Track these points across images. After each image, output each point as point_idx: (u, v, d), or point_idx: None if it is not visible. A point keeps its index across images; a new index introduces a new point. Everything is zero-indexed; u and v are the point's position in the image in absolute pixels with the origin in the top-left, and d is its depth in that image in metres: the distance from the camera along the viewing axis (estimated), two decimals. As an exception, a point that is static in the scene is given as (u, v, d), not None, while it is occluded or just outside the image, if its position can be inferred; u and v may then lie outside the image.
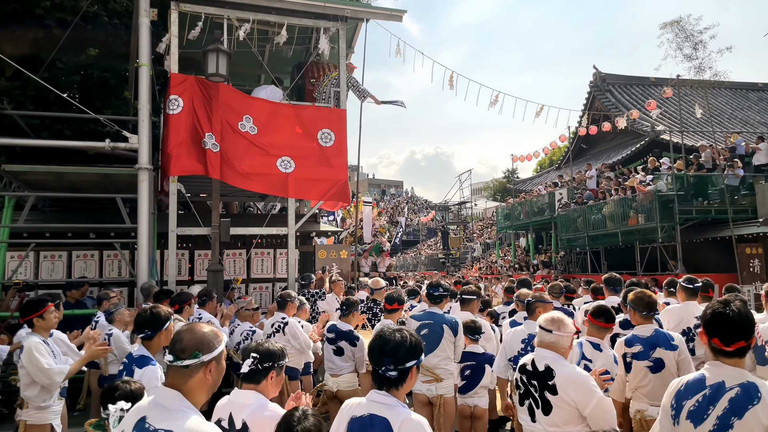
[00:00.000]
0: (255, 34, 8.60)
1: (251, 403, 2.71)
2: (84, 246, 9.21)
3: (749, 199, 14.49)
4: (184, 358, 2.12)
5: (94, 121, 9.61)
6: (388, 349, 2.39)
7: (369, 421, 2.32)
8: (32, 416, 4.30)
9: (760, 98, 27.71)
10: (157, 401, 2.11)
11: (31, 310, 4.39)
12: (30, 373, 4.20)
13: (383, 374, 2.37)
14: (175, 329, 5.67)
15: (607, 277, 6.60)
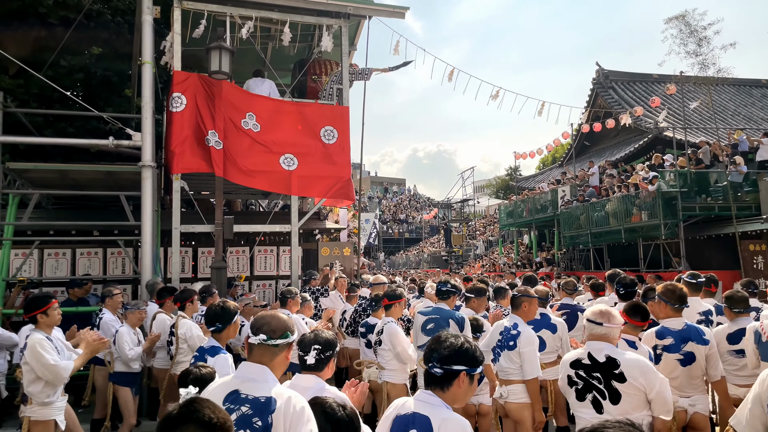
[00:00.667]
0: (258, 31, 8.60)
1: (313, 386, 2.88)
2: (88, 243, 9.25)
3: (753, 196, 14.45)
4: (275, 338, 2.46)
5: (98, 119, 9.66)
6: (436, 347, 2.41)
7: (411, 418, 2.35)
8: (36, 412, 4.31)
9: (763, 95, 27.62)
10: (246, 375, 2.41)
11: (34, 307, 4.42)
12: (34, 369, 4.22)
13: (429, 371, 2.39)
14: (180, 326, 5.74)
15: (610, 273, 6.60)
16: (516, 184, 31.72)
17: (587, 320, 3.38)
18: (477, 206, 44.34)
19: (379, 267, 38.13)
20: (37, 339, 4.25)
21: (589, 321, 3.36)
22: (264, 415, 2.29)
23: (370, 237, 34.55)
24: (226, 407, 2.30)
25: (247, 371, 2.43)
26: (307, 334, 3.03)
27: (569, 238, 19.08)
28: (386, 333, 5.29)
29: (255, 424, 2.28)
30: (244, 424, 2.28)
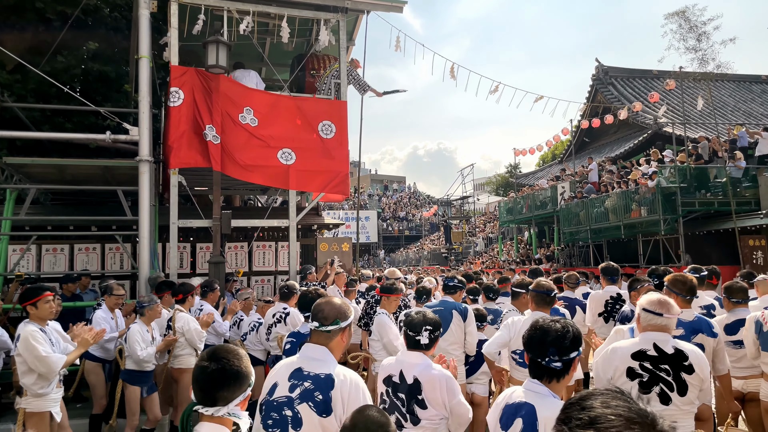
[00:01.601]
0: (255, 26, 8.57)
1: (420, 363, 3.21)
2: (86, 239, 9.23)
3: (752, 191, 14.44)
4: (327, 324, 2.65)
5: (95, 114, 9.63)
6: (550, 339, 2.35)
7: (519, 407, 2.37)
8: (31, 404, 4.30)
9: (763, 90, 27.57)
10: (308, 355, 2.65)
11: (25, 298, 4.40)
12: (27, 361, 4.20)
13: (547, 365, 2.34)
14: (177, 320, 5.72)
15: (604, 266, 6.58)
16: (516, 181, 31.69)
17: (643, 310, 3.20)
18: (477, 203, 44.35)
19: (379, 264, 38.11)
20: (29, 330, 4.23)
21: (646, 311, 3.20)
22: (325, 390, 2.51)
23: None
24: (290, 383, 2.57)
25: (309, 352, 2.66)
26: (416, 317, 3.31)
27: (569, 235, 19.06)
28: (376, 324, 5.42)
29: (316, 397, 2.51)
30: (306, 397, 2.52)
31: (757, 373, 4.40)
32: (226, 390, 2.02)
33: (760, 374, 4.37)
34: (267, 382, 2.68)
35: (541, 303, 4.38)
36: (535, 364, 2.39)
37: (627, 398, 1.07)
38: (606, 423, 1.01)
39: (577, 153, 25.39)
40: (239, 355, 2.11)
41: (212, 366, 2.02)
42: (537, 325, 2.45)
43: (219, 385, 2.01)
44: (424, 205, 54.07)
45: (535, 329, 2.44)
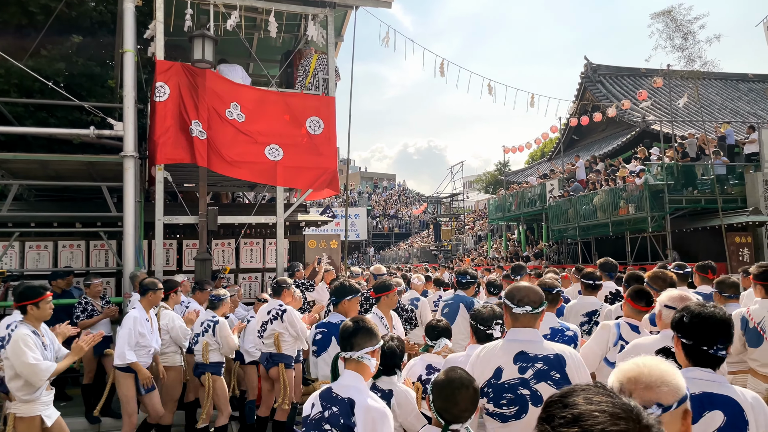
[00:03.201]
0: (242, 21, 8.49)
1: None
2: (70, 235, 9.11)
3: (739, 189, 14.56)
4: (536, 307, 2.86)
5: (79, 109, 9.50)
6: (719, 329, 2.28)
7: (704, 399, 2.21)
8: (20, 408, 4.14)
9: (750, 89, 27.82)
10: (523, 339, 2.82)
11: (26, 297, 4.20)
12: (14, 365, 4.04)
13: (715, 354, 2.26)
14: (162, 317, 5.64)
15: (602, 261, 6.56)
16: (505, 178, 31.75)
17: (665, 306, 3.17)
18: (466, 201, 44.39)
19: (369, 262, 38.07)
20: (21, 334, 4.05)
21: (668, 307, 3.16)
22: (560, 368, 2.71)
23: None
24: (519, 366, 2.73)
25: (521, 335, 2.81)
26: (485, 310, 3.35)
27: (557, 232, 19.12)
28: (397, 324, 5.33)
29: (553, 376, 2.70)
30: (542, 377, 2.71)
31: (746, 368, 4.41)
32: (360, 338, 2.72)
33: (748, 369, 4.39)
34: (477, 368, 2.83)
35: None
36: (702, 353, 2.28)
37: (610, 393, 1.03)
38: (591, 420, 0.97)
39: (566, 151, 25.48)
40: (370, 319, 2.91)
41: (351, 324, 2.80)
42: (710, 315, 2.33)
43: (354, 335, 2.73)
44: (413, 202, 54.09)
45: (709, 317, 2.32)
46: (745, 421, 2.14)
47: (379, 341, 2.79)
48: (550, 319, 4.21)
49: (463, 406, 2.44)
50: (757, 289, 4.39)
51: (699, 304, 2.39)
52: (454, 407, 2.44)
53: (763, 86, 26.84)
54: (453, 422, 2.43)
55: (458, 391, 2.45)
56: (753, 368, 4.34)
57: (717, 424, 2.16)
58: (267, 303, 6.07)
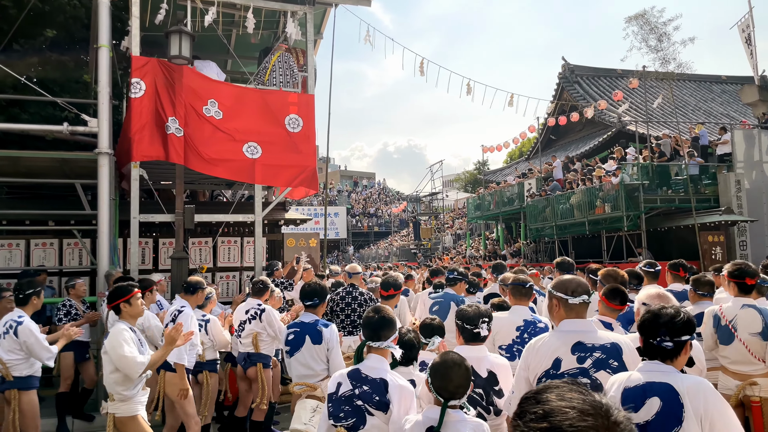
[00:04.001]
0: (220, 17, 8.40)
1: (484, 355, 3.30)
2: (43, 234, 8.93)
3: (712, 189, 14.85)
4: (590, 295, 2.99)
5: (52, 105, 9.32)
6: (662, 322, 2.40)
7: (647, 387, 2.35)
8: (119, 408, 4.08)
9: (723, 90, 28.37)
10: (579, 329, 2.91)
11: (117, 296, 4.20)
12: (112, 359, 4.00)
13: (659, 345, 2.39)
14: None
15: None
16: (484, 177, 31.95)
17: (643, 304, 3.24)
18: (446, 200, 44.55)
19: (348, 261, 38.00)
20: (119, 329, 4.05)
21: (645, 305, 3.20)
22: (617, 356, 2.81)
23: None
24: (577, 356, 2.82)
25: (577, 326, 2.91)
26: (470, 309, 3.37)
27: (535, 231, 19.30)
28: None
29: (612, 364, 2.79)
30: (601, 366, 2.80)
31: (717, 365, 4.49)
32: (386, 330, 3.11)
33: (720, 366, 4.47)
34: (532, 359, 2.93)
35: (518, 295, 4.49)
36: (650, 346, 2.42)
37: (582, 390, 1.05)
38: (560, 416, 0.99)
39: (544, 150, 25.73)
40: (391, 311, 3.25)
41: (377, 316, 3.16)
42: (649, 311, 2.48)
43: (381, 327, 3.10)
44: (393, 201, 54.14)
45: (647, 314, 2.48)
46: (680, 404, 2.26)
47: (397, 330, 3.19)
48: (524, 312, 4.36)
49: (457, 382, 2.62)
50: (731, 287, 4.47)
51: (661, 305, 2.49)
52: (449, 384, 2.61)
53: (735, 88, 27.38)
54: (450, 399, 2.62)
55: (451, 369, 2.64)
56: (724, 365, 4.43)
57: (655, 410, 2.30)
58: (245, 302, 6.03)
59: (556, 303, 2.99)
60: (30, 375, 4.86)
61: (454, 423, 2.62)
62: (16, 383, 4.80)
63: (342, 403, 2.97)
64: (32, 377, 4.90)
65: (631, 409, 2.30)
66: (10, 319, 4.79)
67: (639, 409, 2.33)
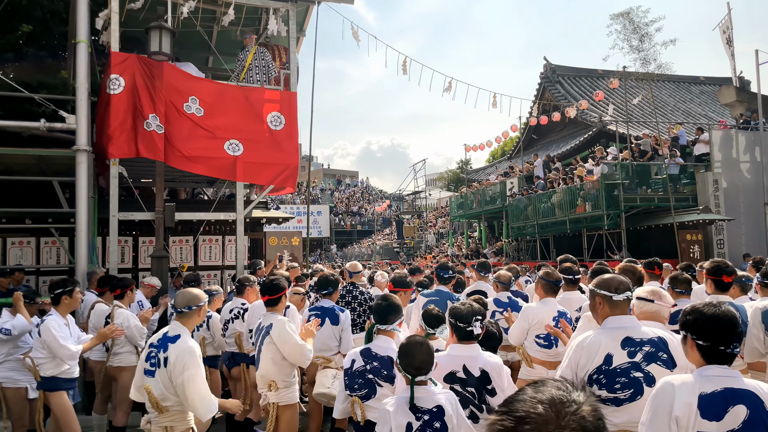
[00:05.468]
0: (200, 13, 8.32)
1: (477, 354, 3.33)
2: (19, 232, 8.78)
3: (690, 188, 15.07)
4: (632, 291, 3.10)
5: (29, 101, 9.14)
6: (738, 330, 2.32)
7: (727, 395, 2.23)
8: (283, 396, 4.21)
9: (701, 91, 28.79)
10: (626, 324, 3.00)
11: (272, 292, 4.39)
12: (282, 349, 4.15)
13: (732, 351, 2.30)
14: (116, 316, 5.48)
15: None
16: (466, 176, 32.08)
17: (637, 298, 3.31)
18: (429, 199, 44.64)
19: (332, 259, 37.90)
20: (280, 320, 4.21)
21: (640, 299, 3.33)
22: (665, 349, 2.90)
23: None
24: (627, 351, 2.90)
25: (623, 322, 2.99)
26: (463, 308, 3.38)
27: (517, 229, 19.43)
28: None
29: (661, 357, 2.89)
30: (652, 359, 2.89)
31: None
32: (393, 315, 3.65)
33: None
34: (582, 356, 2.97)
35: (548, 290, 4.87)
36: (718, 352, 2.31)
37: (562, 387, 1.06)
38: (519, 403, 1.02)
39: (526, 150, 25.89)
40: (397, 298, 3.80)
41: (385, 303, 3.70)
42: (722, 314, 2.36)
43: (389, 313, 3.64)
44: (376, 200, 54.10)
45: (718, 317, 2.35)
46: (766, 411, 2.19)
47: (402, 314, 3.76)
48: (555, 304, 4.85)
49: (420, 358, 2.87)
50: (709, 284, 4.54)
51: (709, 304, 2.42)
52: (414, 360, 2.87)
53: (713, 89, 27.80)
54: (417, 375, 2.87)
55: (415, 348, 2.91)
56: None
57: (741, 418, 2.19)
58: (231, 301, 6.00)
59: (600, 301, 3.06)
60: (54, 376, 4.76)
61: (427, 396, 2.88)
62: (44, 383, 4.76)
63: (356, 376, 3.49)
64: (58, 378, 4.78)
65: (707, 417, 2.21)
66: (41, 318, 4.84)
67: (722, 417, 2.20)
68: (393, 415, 2.90)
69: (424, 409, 2.86)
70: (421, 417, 2.86)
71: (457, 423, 2.89)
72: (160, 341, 3.63)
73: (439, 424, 2.84)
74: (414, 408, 2.85)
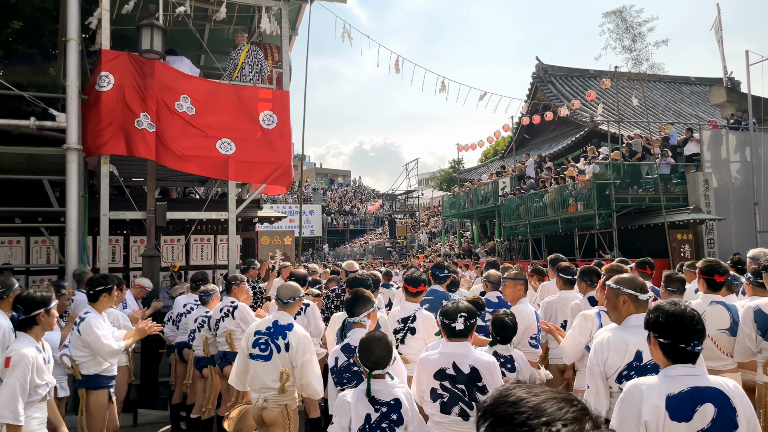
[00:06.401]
0: (192, 11, 8.27)
1: (469, 352, 3.36)
2: (9, 231, 8.70)
3: (680, 188, 15.15)
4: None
5: (19, 99, 9.05)
6: (698, 327, 2.32)
7: (693, 394, 2.23)
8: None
9: (692, 91, 28.97)
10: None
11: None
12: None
13: (692, 350, 2.32)
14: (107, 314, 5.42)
15: (552, 257, 6.70)
16: (459, 175, 32.12)
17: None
18: (421, 198, 44.67)
19: (324, 259, 37.85)
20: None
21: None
22: None
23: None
24: None
25: None
26: (450, 306, 3.44)
27: (509, 229, 19.47)
28: (421, 320, 4.91)
29: None
30: None
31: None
32: (359, 307, 3.80)
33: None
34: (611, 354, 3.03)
35: (567, 283, 5.26)
36: (680, 350, 2.33)
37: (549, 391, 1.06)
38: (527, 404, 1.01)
39: (518, 149, 25.96)
40: (365, 292, 3.92)
41: (350, 296, 3.86)
42: (686, 314, 2.37)
43: (354, 305, 3.79)
44: (369, 199, 54.07)
45: (686, 317, 2.37)
46: (734, 408, 2.21)
47: (373, 305, 3.83)
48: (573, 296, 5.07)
49: (378, 353, 3.05)
50: (701, 284, 4.57)
51: (671, 302, 2.44)
52: (372, 355, 3.04)
53: (704, 89, 27.97)
54: (374, 368, 3.05)
55: (373, 343, 3.09)
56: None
57: (710, 417, 2.20)
58: (221, 300, 5.97)
59: (625, 299, 3.13)
60: (97, 374, 4.73)
61: (386, 389, 3.07)
62: (85, 382, 4.71)
63: (342, 372, 3.62)
64: (100, 376, 4.75)
65: (675, 417, 2.21)
66: (78, 316, 4.76)
67: (691, 418, 2.21)
68: (353, 407, 3.06)
69: (382, 401, 3.04)
70: (379, 409, 3.03)
71: (411, 416, 3.07)
72: (271, 329, 4.16)
73: (396, 416, 3.03)
74: (373, 400, 3.03)
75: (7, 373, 3.46)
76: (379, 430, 3.02)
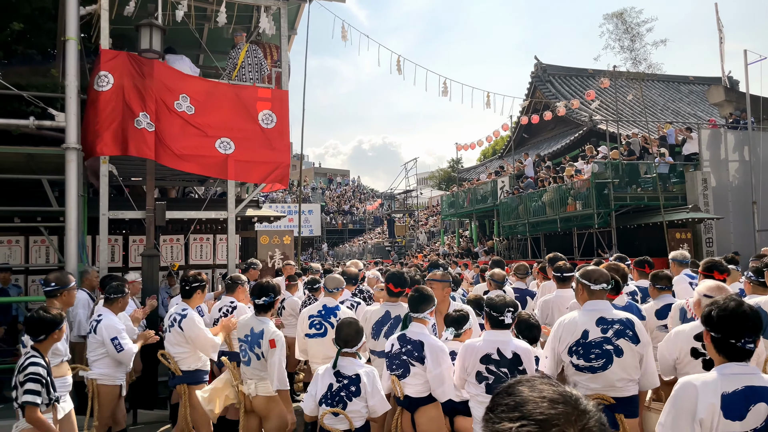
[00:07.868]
0: (192, 11, 8.27)
1: (509, 339, 3.66)
2: (8, 231, 8.70)
3: (679, 187, 15.18)
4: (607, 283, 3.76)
5: (18, 99, 9.06)
6: (749, 324, 2.29)
7: (747, 393, 2.21)
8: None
9: (690, 91, 29.00)
10: (598, 308, 3.62)
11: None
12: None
13: (743, 346, 2.28)
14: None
15: (550, 256, 6.69)
16: (458, 175, 32.13)
17: (704, 296, 3.49)
18: (420, 197, 44.68)
19: (323, 258, 37.85)
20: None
21: (706, 296, 3.46)
22: (632, 328, 3.51)
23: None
24: (601, 328, 3.51)
25: (598, 306, 3.61)
26: (497, 299, 3.70)
27: (508, 228, 19.49)
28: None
29: (628, 333, 3.49)
30: (621, 335, 3.49)
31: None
32: (424, 304, 4.06)
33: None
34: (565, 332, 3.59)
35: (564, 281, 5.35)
36: (732, 347, 2.30)
37: (553, 383, 1.09)
38: (531, 405, 1.02)
39: (517, 149, 25.98)
40: (429, 289, 4.27)
41: (417, 294, 4.14)
42: (742, 310, 2.33)
43: (420, 302, 4.05)
44: (368, 198, 54.07)
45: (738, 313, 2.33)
46: None
47: (435, 304, 4.14)
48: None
49: (345, 333, 3.69)
50: (701, 280, 4.59)
51: (728, 297, 2.41)
52: (341, 334, 3.70)
53: (702, 88, 28.01)
54: (344, 347, 3.68)
55: (343, 325, 3.76)
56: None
57: (764, 416, 2.17)
58: (219, 300, 5.98)
59: (581, 288, 3.71)
60: (198, 369, 4.84)
61: (350, 366, 3.66)
62: (185, 377, 4.77)
63: (394, 358, 4.00)
64: (200, 371, 4.88)
65: (729, 416, 2.18)
66: (175, 313, 4.83)
67: (745, 417, 2.18)
68: (321, 377, 3.71)
69: (345, 375, 3.65)
70: (341, 381, 3.64)
71: (371, 391, 3.61)
72: (322, 312, 5.12)
73: (354, 388, 3.61)
74: (338, 373, 3.64)
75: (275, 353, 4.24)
76: (338, 397, 3.60)
